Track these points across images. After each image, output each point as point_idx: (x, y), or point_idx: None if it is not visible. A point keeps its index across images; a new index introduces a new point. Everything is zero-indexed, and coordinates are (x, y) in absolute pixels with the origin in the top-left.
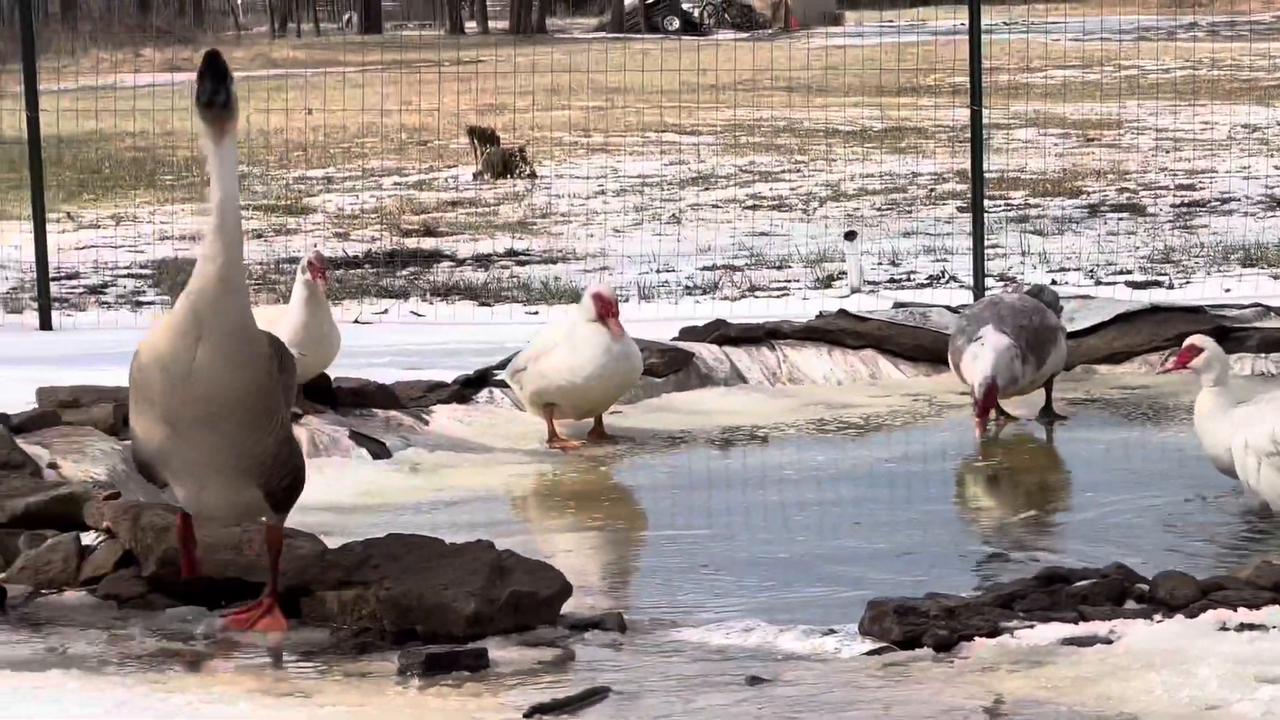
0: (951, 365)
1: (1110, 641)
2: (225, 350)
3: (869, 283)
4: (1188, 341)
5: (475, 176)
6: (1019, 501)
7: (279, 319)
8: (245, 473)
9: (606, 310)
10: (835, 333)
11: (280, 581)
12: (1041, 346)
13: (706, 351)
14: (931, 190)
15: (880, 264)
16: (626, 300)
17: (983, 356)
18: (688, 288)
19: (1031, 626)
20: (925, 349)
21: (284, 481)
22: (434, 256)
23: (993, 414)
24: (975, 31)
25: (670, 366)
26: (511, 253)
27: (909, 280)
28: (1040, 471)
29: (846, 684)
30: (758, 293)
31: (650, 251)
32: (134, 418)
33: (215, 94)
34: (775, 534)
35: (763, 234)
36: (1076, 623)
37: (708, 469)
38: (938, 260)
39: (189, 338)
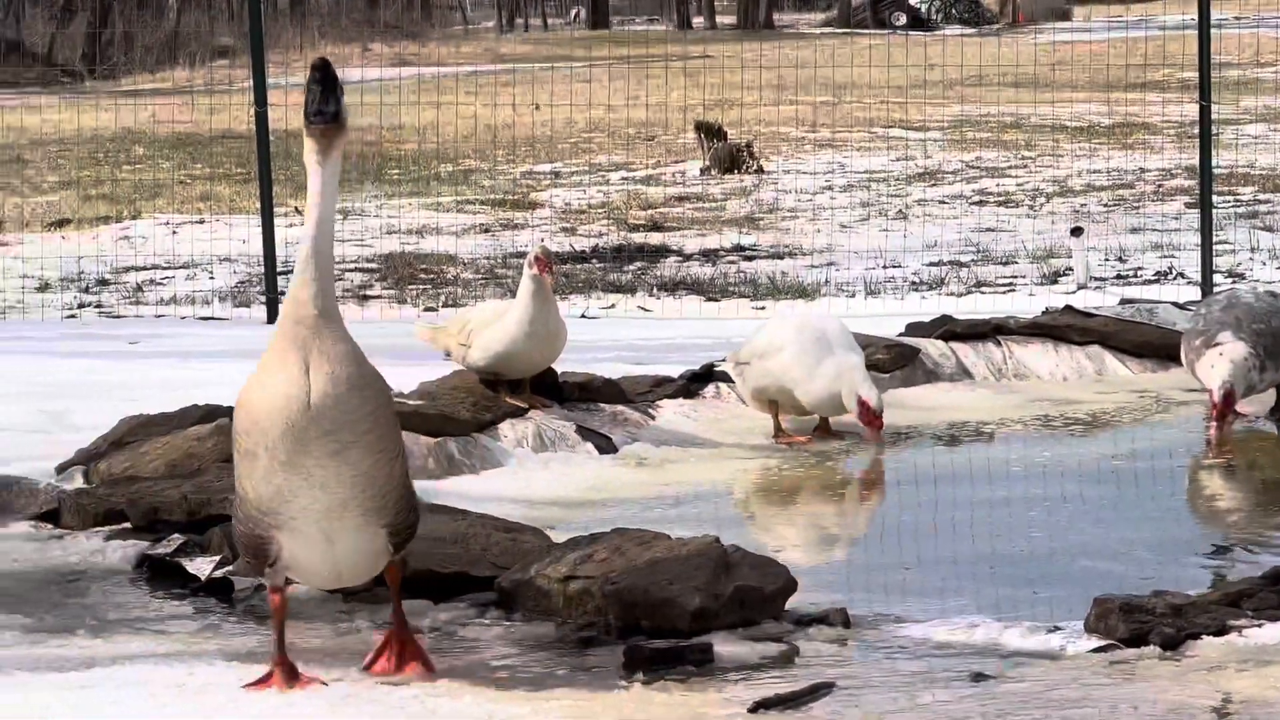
0: (1185, 363)
1: None
2: (340, 375)
3: (1095, 279)
4: None
5: (702, 171)
6: (1247, 498)
7: (506, 313)
8: (374, 510)
9: (869, 422)
10: (1061, 329)
11: (406, 619)
12: (1279, 350)
13: (932, 347)
14: (1159, 186)
15: (1107, 260)
16: (853, 296)
17: (1220, 365)
18: (914, 283)
19: (1260, 625)
20: (1152, 345)
21: (410, 516)
22: (661, 251)
23: None
24: (1204, 26)
25: (896, 362)
26: (738, 248)
27: (1136, 276)
28: (1270, 469)
29: (1071, 681)
30: (984, 288)
31: (877, 247)
32: (244, 478)
33: (325, 103)
34: (1000, 530)
35: (989, 230)
36: None
37: (933, 464)
38: (1165, 257)
39: (296, 371)
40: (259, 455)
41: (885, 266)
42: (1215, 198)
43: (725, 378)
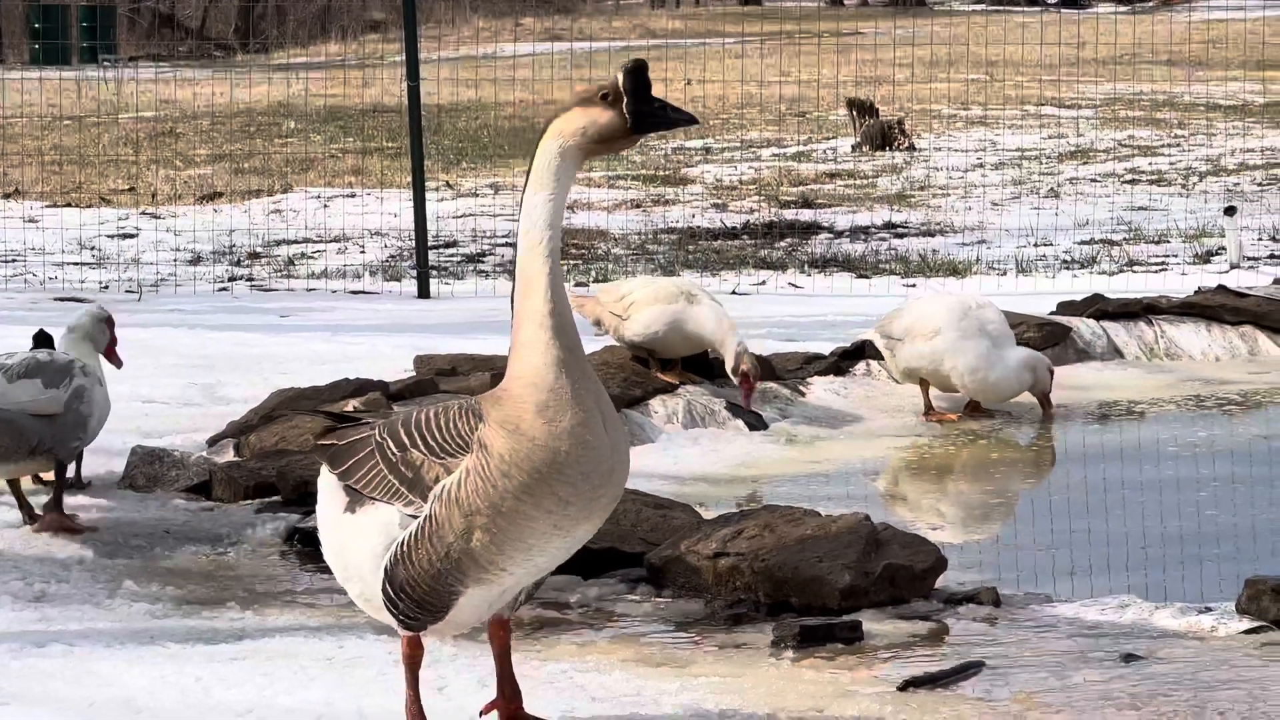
0: None
1: None
2: (619, 422)
3: (1249, 258)
4: None
5: (854, 148)
6: None
7: (666, 291)
8: None
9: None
10: (1214, 308)
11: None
12: None
13: (1084, 326)
14: None
15: (1260, 239)
16: (1004, 274)
17: None
18: (1065, 262)
19: None
20: None
21: None
22: (812, 228)
23: None
24: None
25: (1047, 341)
26: (889, 225)
27: None
28: None
29: (1222, 663)
30: (1136, 267)
31: (1028, 225)
32: (485, 530)
33: (675, 106)
34: (1152, 510)
35: (1141, 208)
36: None
37: (1083, 443)
38: None
39: (597, 422)
40: (534, 516)
41: (1036, 245)
42: None
43: (876, 354)
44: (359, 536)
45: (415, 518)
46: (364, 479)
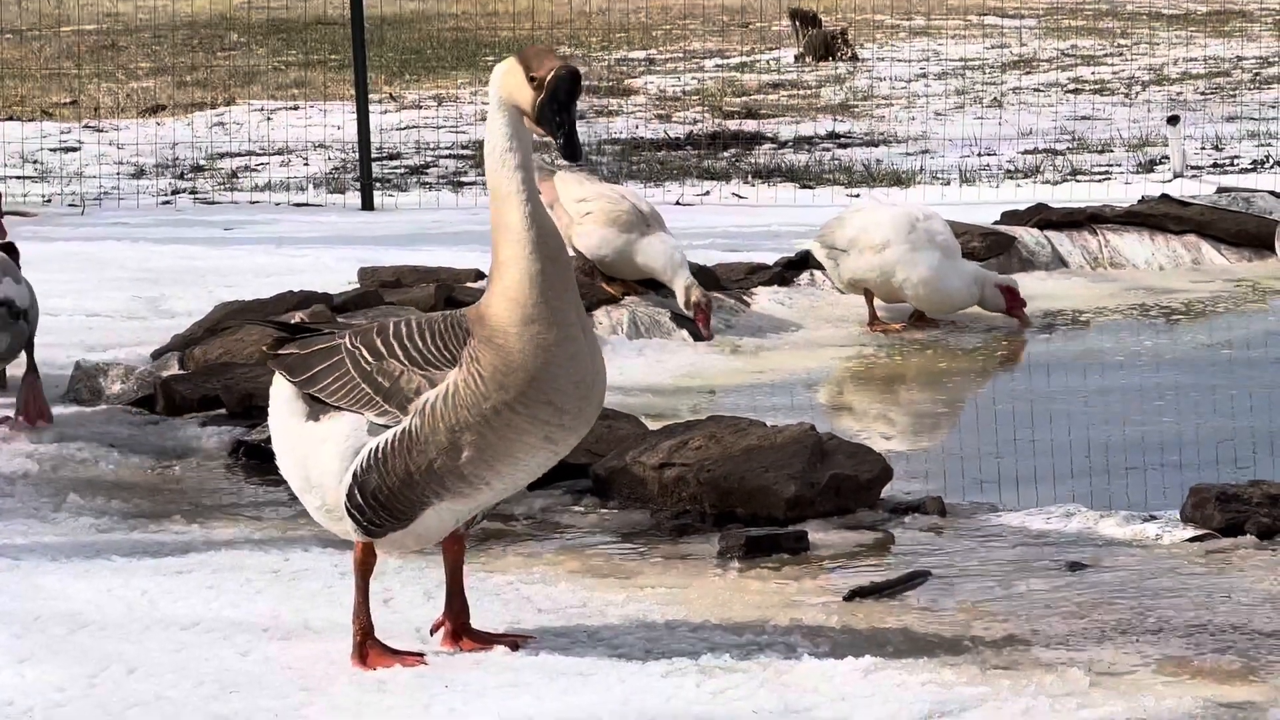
0: (1278, 251)
1: None
2: (593, 329)
3: (1192, 167)
4: None
5: (797, 59)
6: None
7: (608, 207)
8: None
9: (1017, 305)
10: (1157, 217)
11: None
12: None
13: (1028, 235)
14: (1256, 74)
15: (1203, 149)
16: (947, 184)
17: None
18: (1009, 171)
19: None
20: (1249, 234)
21: None
22: (755, 139)
23: None
24: None
25: (991, 250)
26: (833, 135)
27: (1232, 165)
28: None
29: (1167, 571)
30: (1079, 177)
31: (971, 135)
32: (475, 447)
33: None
34: (1096, 419)
35: (1084, 118)
36: None
37: (1029, 353)
38: (1261, 145)
39: (592, 340)
40: (526, 429)
41: (980, 154)
42: None
43: (820, 264)
44: (322, 444)
45: (388, 427)
46: (330, 388)
